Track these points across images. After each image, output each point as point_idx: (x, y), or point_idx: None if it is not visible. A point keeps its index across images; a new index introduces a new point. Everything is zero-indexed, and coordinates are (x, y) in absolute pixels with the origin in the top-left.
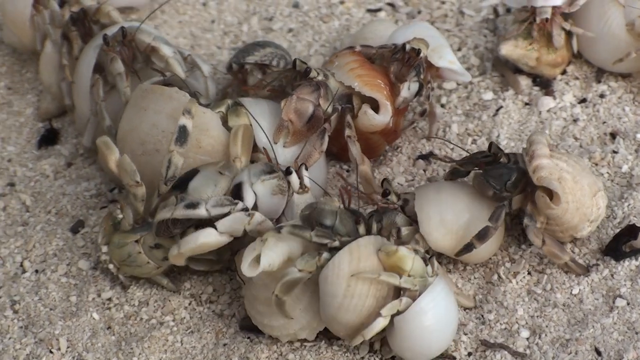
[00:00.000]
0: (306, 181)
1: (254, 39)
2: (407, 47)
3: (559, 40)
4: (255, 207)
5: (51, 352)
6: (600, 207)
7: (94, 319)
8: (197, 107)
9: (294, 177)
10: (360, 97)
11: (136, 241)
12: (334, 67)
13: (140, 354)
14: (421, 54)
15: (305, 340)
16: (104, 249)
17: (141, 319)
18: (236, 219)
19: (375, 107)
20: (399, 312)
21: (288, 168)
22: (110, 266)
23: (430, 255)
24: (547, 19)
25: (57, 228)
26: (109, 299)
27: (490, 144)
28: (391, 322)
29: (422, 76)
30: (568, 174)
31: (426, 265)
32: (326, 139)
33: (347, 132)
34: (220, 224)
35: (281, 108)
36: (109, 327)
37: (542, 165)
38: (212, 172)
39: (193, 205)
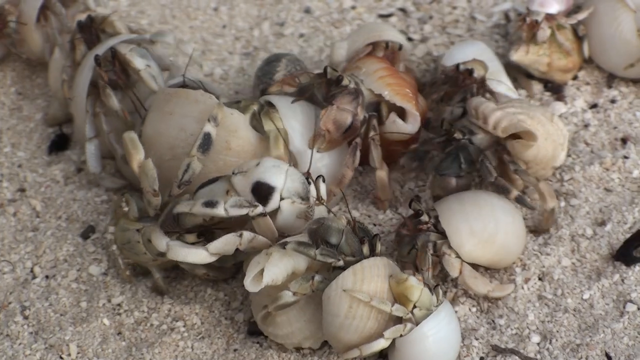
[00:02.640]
0: (323, 193)
1: (265, 44)
2: (461, 67)
3: (543, 35)
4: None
5: (61, 357)
6: (562, 129)
7: (104, 324)
8: (224, 109)
9: (311, 189)
10: (387, 106)
11: (138, 230)
12: (361, 73)
13: (150, 359)
14: (474, 74)
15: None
16: (111, 229)
17: (152, 324)
18: (228, 242)
19: (401, 115)
20: (401, 335)
21: (307, 179)
22: (114, 247)
23: (436, 284)
24: (536, 21)
25: (67, 233)
26: (119, 305)
27: (442, 121)
28: (393, 343)
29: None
30: (522, 115)
31: (432, 294)
32: (358, 155)
33: (371, 133)
34: (212, 246)
35: (320, 117)
36: (120, 333)
37: (499, 117)
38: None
39: (212, 204)
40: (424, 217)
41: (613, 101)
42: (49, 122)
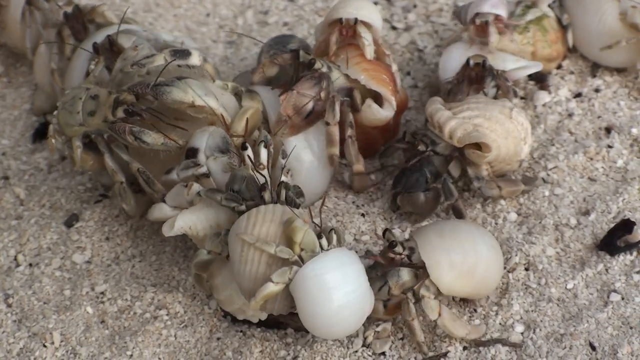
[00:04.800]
0: (263, 158)
1: (249, 32)
2: (471, 62)
3: (494, 40)
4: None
5: (45, 346)
6: (523, 123)
7: (87, 312)
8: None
9: (248, 153)
10: (362, 92)
11: (87, 88)
12: (339, 59)
13: (134, 348)
14: (487, 64)
15: (261, 322)
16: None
17: (135, 313)
18: (178, 191)
19: (378, 101)
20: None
21: (243, 143)
22: (54, 120)
23: (331, 228)
24: (486, 22)
25: (51, 222)
26: (103, 293)
27: (404, 133)
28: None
29: (497, 80)
30: (478, 118)
31: (320, 238)
32: (337, 109)
33: (349, 132)
34: (167, 197)
35: (280, 102)
36: (103, 321)
37: (453, 127)
38: None
39: (168, 172)
40: (398, 248)
41: (597, 90)
42: (35, 113)
